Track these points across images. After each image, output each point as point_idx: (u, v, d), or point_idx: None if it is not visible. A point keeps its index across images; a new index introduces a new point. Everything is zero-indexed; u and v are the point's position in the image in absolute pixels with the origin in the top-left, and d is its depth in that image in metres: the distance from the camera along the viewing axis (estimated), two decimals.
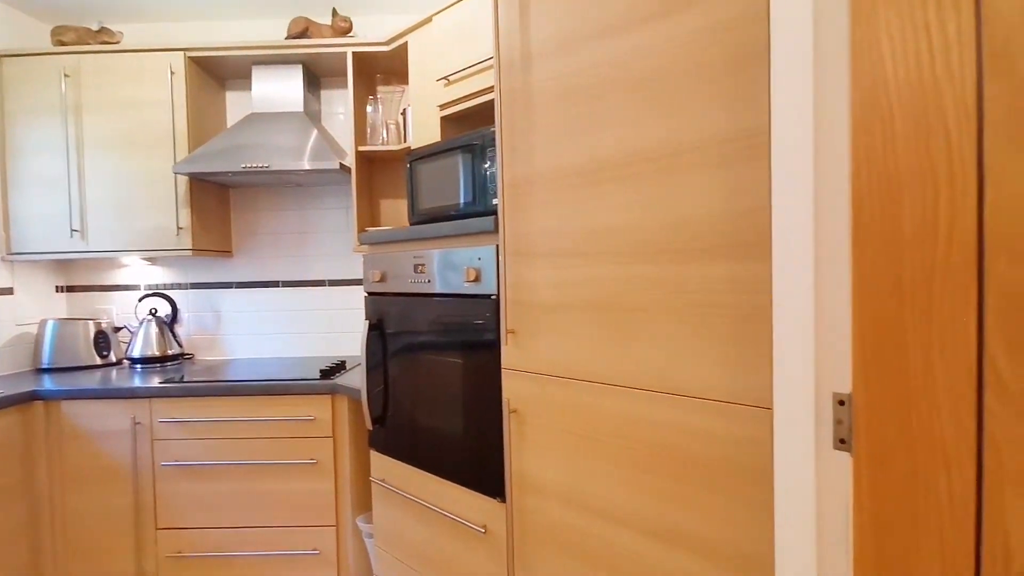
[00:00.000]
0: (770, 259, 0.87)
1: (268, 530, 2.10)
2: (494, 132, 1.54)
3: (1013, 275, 0.64)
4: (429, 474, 1.66)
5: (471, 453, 1.52)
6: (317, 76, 2.66)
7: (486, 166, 1.58)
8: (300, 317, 2.73)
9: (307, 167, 2.21)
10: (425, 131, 2.09)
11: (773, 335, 0.84)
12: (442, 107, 1.99)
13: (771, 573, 0.89)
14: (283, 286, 2.73)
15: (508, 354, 1.38)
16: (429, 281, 1.63)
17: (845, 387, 0.77)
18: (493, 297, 1.43)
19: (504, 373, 1.39)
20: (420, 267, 1.67)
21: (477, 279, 1.47)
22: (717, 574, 0.97)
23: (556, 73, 1.23)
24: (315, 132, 2.36)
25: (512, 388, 1.37)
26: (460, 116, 1.99)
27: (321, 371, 2.17)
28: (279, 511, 2.10)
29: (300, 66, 2.45)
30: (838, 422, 0.77)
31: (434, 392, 1.64)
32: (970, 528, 0.67)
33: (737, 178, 0.92)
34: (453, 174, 1.67)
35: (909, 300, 0.70)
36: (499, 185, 1.38)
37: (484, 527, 1.47)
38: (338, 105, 2.72)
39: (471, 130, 1.82)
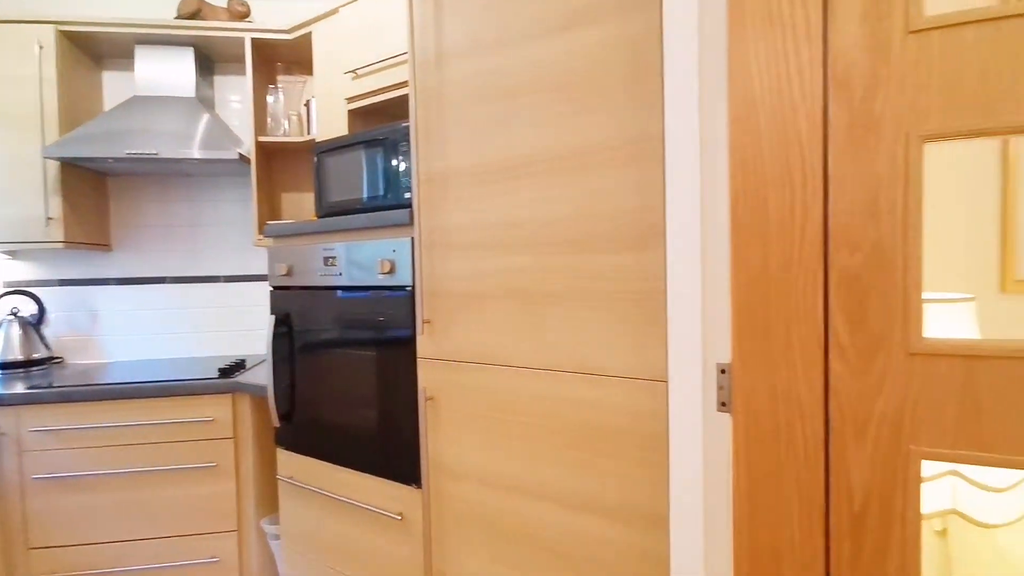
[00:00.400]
0: (665, 249, 0.99)
1: (161, 541, 1.98)
2: (407, 127, 1.57)
3: (849, 262, 0.79)
4: (342, 467, 1.66)
5: (386, 443, 1.54)
6: (211, 61, 2.52)
7: (399, 160, 1.60)
8: (192, 315, 2.57)
9: (201, 156, 2.10)
10: (331, 124, 2.06)
11: (668, 316, 0.96)
12: (350, 100, 1.98)
13: (669, 525, 1.02)
14: (172, 282, 2.56)
15: (424, 344, 1.42)
16: (341, 274, 1.63)
17: (726, 357, 0.90)
18: (408, 288, 1.46)
19: (420, 362, 1.43)
20: (331, 260, 1.66)
21: (392, 271, 1.49)
22: (625, 532, 1.08)
23: (471, 73, 1.29)
24: (209, 119, 2.24)
25: (428, 376, 1.41)
26: (369, 110, 1.99)
27: (220, 370, 2.07)
28: (174, 519, 1.98)
29: (191, 49, 2.31)
30: (720, 388, 0.90)
31: (346, 385, 1.64)
32: (820, 469, 0.82)
33: (638, 177, 1.03)
34: (365, 168, 1.68)
35: (774, 283, 0.84)
36: (414, 179, 1.42)
37: (400, 514, 1.50)
38: (233, 92, 2.59)
39: (380, 124, 1.83)
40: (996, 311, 1.59)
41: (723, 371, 0.90)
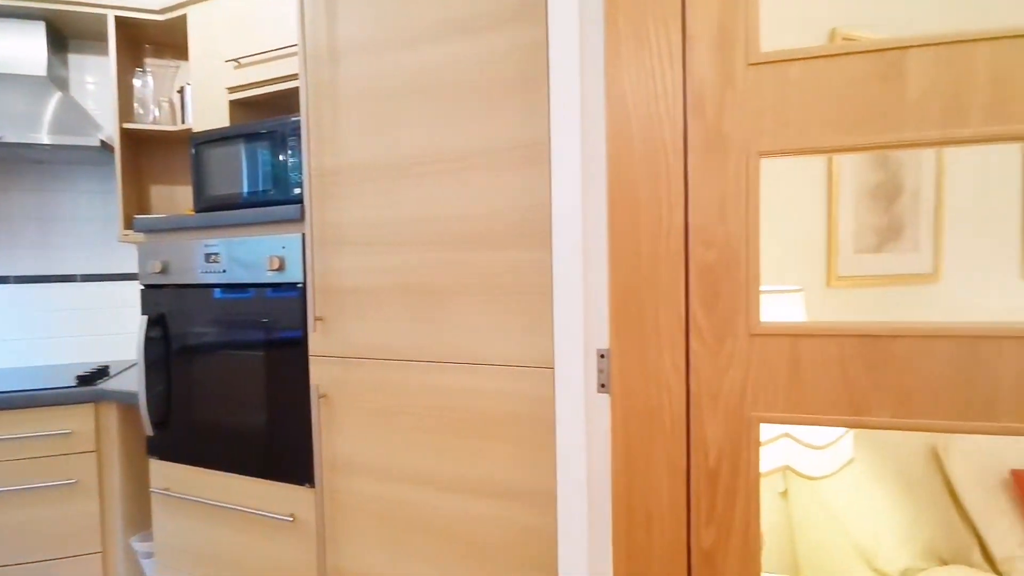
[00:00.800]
0: (551, 246, 1.08)
1: (15, 569, 1.76)
2: (297, 121, 1.54)
3: (705, 257, 0.92)
4: (226, 473, 1.58)
5: (275, 444, 1.50)
6: (65, 37, 2.28)
7: (288, 155, 1.57)
8: (45, 319, 2.30)
9: (53, 141, 1.90)
10: (211, 113, 1.96)
11: (553, 307, 1.05)
12: (232, 90, 1.89)
13: (556, 500, 1.11)
14: (16, 282, 2.27)
15: (316, 341, 1.40)
16: (225, 271, 1.56)
17: (604, 343, 1.00)
18: (299, 285, 1.44)
19: (312, 360, 1.41)
20: (213, 256, 1.58)
21: (281, 268, 1.46)
22: (517, 512, 1.15)
23: (366, 72, 1.30)
24: (62, 99, 2.02)
25: (321, 374, 1.40)
26: (253, 102, 1.92)
27: (79, 378, 1.89)
28: (30, 544, 1.77)
29: (43, 23, 2.08)
30: (600, 371, 1.01)
31: (232, 387, 1.57)
32: (683, 435, 0.95)
33: (526, 179, 1.11)
34: (251, 162, 1.62)
35: (645, 276, 0.96)
36: (305, 175, 1.40)
37: (292, 515, 1.47)
38: (90, 74, 2.36)
39: (266, 116, 1.77)
40: (824, 301, 1.88)
41: (602, 356, 1.00)
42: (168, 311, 1.68)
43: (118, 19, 2.08)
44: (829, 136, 0.88)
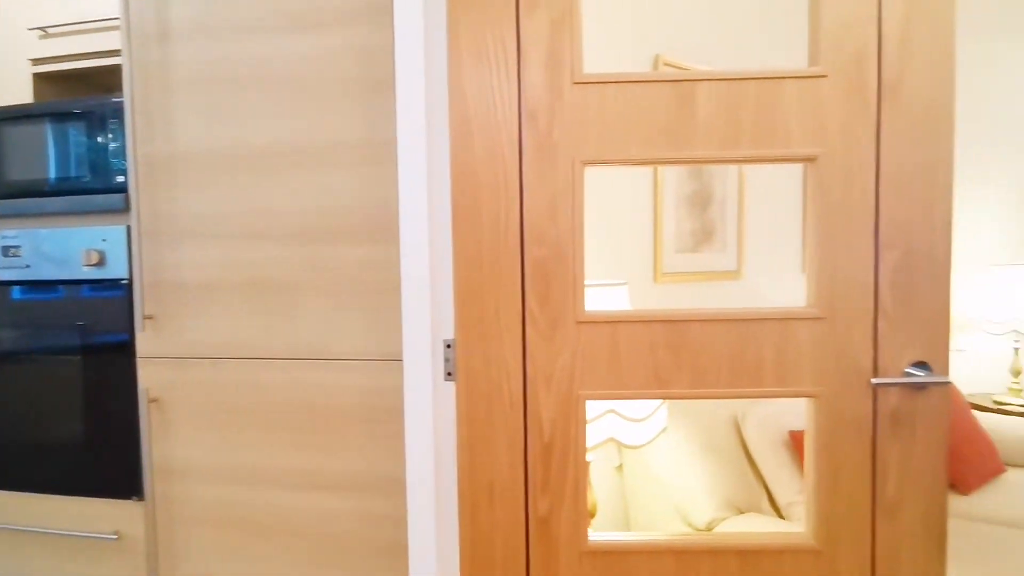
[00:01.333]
0: (399, 242, 1.12)
1: None
2: (120, 102, 1.41)
3: (538, 254, 1.02)
4: (39, 495, 1.40)
5: (97, 457, 1.36)
6: None
7: (108, 139, 1.43)
8: None
9: None
10: (9, 87, 1.70)
11: (402, 301, 1.09)
12: (36, 62, 1.66)
13: (406, 487, 1.15)
14: None
15: (145, 341, 1.30)
16: (28, 266, 1.38)
17: (450, 334, 1.06)
18: (124, 282, 1.32)
19: (140, 362, 1.30)
20: (13, 250, 1.39)
21: (101, 262, 1.33)
22: (371, 501, 1.17)
23: (204, 56, 1.23)
24: None
25: (151, 377, 1.30)
26: (65, 76, 1.70)
27: None
28: None
29: None
30: (446, 360, 1.07)
31: (41, 399, 1.39)
32: (520, 415, 1.04)
33: (375, 177, 1.14)
34: (59, 143, 1.45)
35: (487, 270, 1.04)
36: (131, 162, 1.29)
37: (116, 533, 1.34)
38: None
39: (81, 94, 1.59)
40: (651, 295, 2.12)
41: (448, 346, 1.06)
42: None
43: None
44: (640, 149, 1.02)
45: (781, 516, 1.82)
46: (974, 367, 3.16)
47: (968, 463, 2.20)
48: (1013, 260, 3.17)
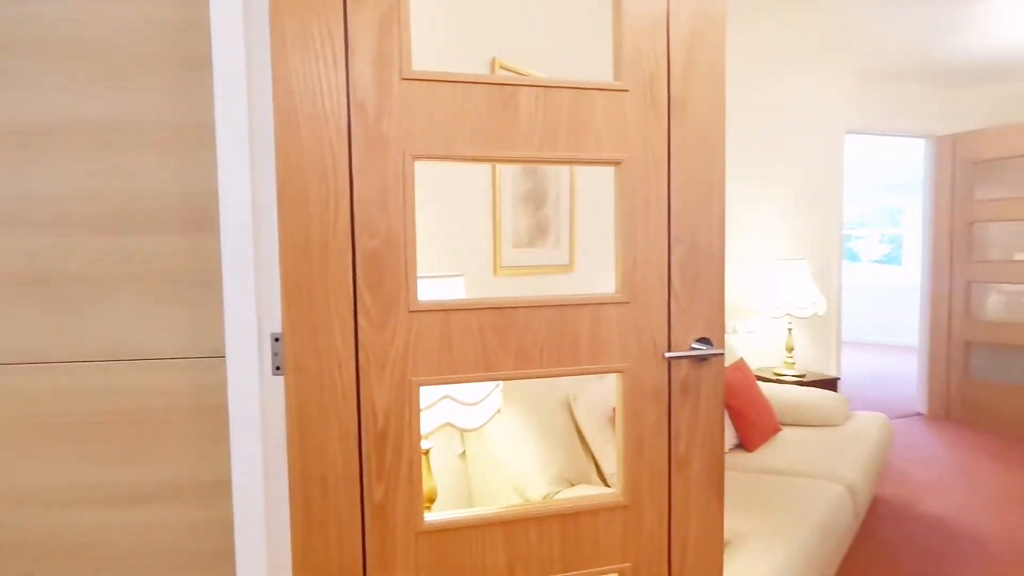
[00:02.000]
0: (219, 232, 1.06)
1: None
2: None
3: (369, 245, 1.04)
4: None
5: None
6: None
7: None
8: None
9: None
10: None
11: (224, 294, 1.04)
12: None
13: (232, 490, 1.09)
14: None
15: None
16: None
17: (278, 327, 1.04)
18: None
19: None
20: None
21: None
22: (195, 508, 1.09)
23: None
24: None
25: None
26: None
27: None
28: None
29: None
30: (275, 354, 1.04)
31: None
32: (354, 404, 1.05)
33: (191, 161, 1.06)
34: None
35: (316, 262, 1.03)
36: None
37: None
38: None
39: None
40: (491, 287, 2.22)
41: (276, 339, 1.04)
42: None
43: None
44: (468, 147, 1.08)
45: (607, 485, 2.03)
46: (760, 345, 3.76)
47: (754, 426, 2.62)
48: (789, 256, 3.82)
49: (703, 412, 1.22)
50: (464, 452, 2.06)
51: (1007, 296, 3.97)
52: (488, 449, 1.87)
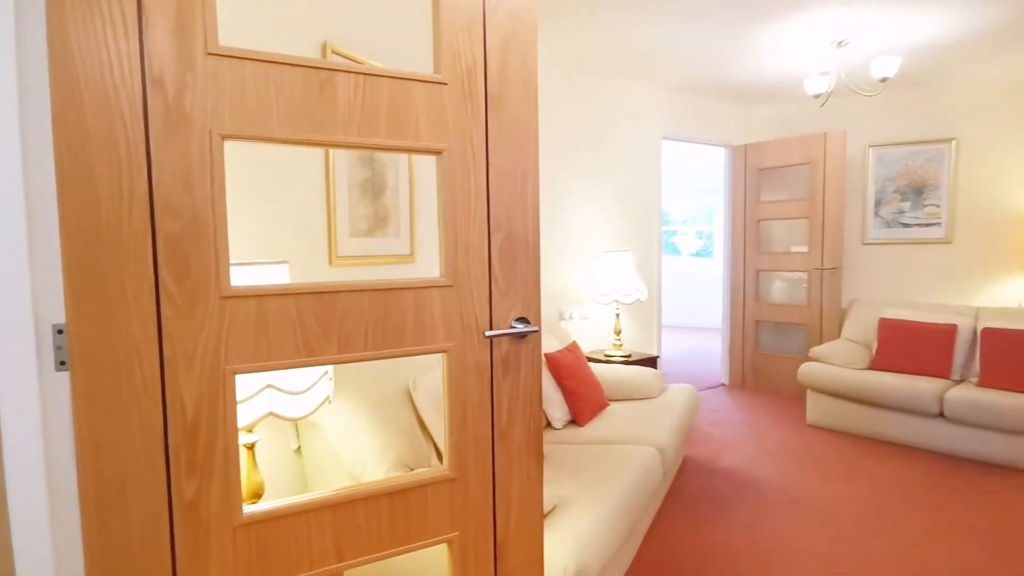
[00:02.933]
0: None
1: None
2: None
3: (172, 228, 0.98)
4: None
5: None
6: None
7: None
8: None
9: None
10: None
11: None
12: None
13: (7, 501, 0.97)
14: None
15: None
16: None
17: (62, 318, 0.94)
18: None
19: None
20: None
21: None
22: None
23: None
24: None
25: None
26: None
27: None
28: None
29: None
30: (58, 348, 0.94)
31: None
32: (158, 398, 0.98)
33: None
34: None
35: (107, 247, 0.94)
36: None
37: None
38: None
39: None
40: (327, 277, 2.16)
41: (60, 331, 0.94)
42: None
43: None
44: (282, 129, 1.06)
45: None
46: (593, 330, 4.10)
47: (585, 402, 2.87)
48: (615, 248, 4.20)
49: (522, 385, 1.33)
50: (299, 447, 2.00)
51: (787, 282, 4.76)
52: (323, 441, 1.84)
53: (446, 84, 1.21)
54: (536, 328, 1.30)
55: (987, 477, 2.96)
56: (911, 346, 3.68)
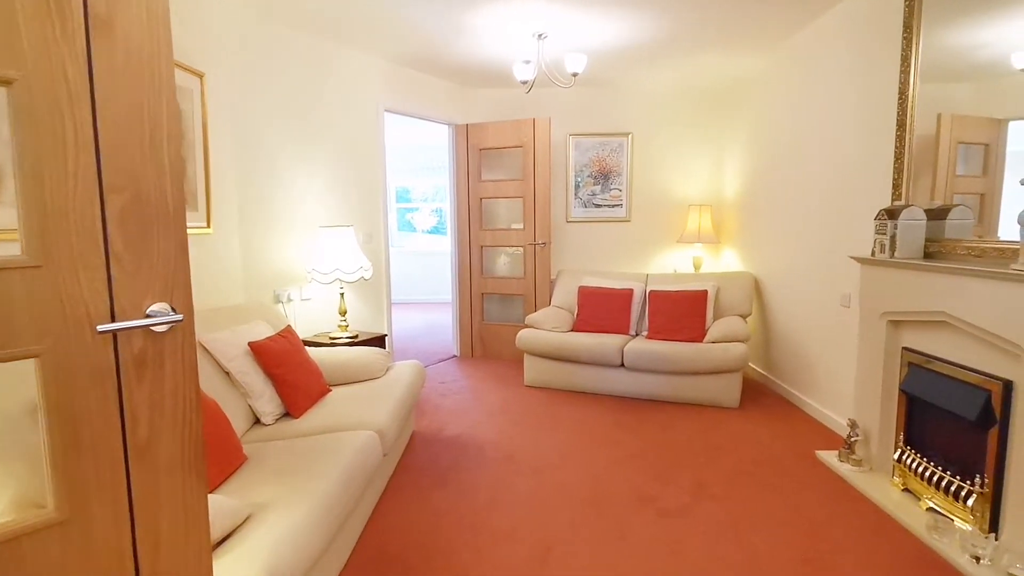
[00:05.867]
0: None
1: None
2: None
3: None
4: None
5: None
6: None
7: None
8: None
9: None
10: None
11: None
12: None
13: None
14: None
15: None
16: None
17: None
18: None
19: None
20: None
21: None
22: None
23: None
24: None
25: None
26: None
27: None
28: None
29: None
30: None
31: None
32: None
33: None
34: None
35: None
36: None
37: None
38: None
39: None
40: None
41: None
42: None
43: None
44: None
45: None
46: (316, 311, 3.82)
47: (300, 391, 2.62)
48: (333, 223, 3.96)
49: (170, 387, 1.08)
50: None
51: (510, 256, 5.13)
52: None
53: None
54: (181, 317, 1.06)
55: (653, 413, 3.64)
56: (601, 309, 4.30)
